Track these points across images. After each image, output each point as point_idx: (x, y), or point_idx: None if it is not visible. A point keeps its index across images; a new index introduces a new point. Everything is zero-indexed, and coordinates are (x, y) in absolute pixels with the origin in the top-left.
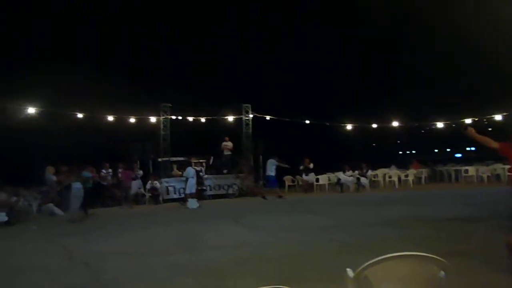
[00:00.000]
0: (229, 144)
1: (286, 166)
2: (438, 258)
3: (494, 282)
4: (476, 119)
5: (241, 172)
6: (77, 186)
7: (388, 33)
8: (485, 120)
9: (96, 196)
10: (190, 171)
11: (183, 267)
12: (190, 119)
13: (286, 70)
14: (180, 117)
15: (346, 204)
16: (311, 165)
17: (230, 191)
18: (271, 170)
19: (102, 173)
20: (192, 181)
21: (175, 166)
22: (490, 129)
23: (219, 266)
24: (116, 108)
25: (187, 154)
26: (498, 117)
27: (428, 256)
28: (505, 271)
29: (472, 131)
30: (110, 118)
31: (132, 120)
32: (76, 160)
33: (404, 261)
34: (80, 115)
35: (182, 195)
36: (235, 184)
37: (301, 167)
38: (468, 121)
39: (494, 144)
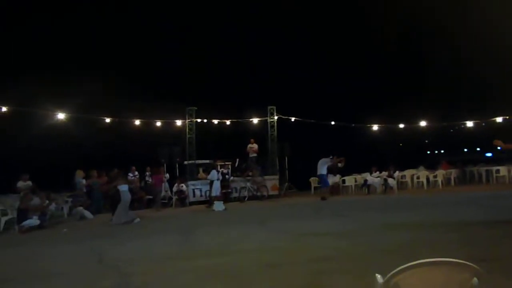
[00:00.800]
0: (255, 146)
1: (338, 164)
2: (471, 264)
3: None
4: (507, 117)
5: (251, 175)
6: (124, 189)
7: (415, 32)
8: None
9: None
10: (215, 174)
11: (211, 271)
12: (215, 121)
13: (311, 71)
14: (205, 120)
15: (373, 206)
16: (340, 165)
17: (241, 194)
18: (322, 170)
19: (129, 177)
20: (217, 184)
21: (201, 169)
22: None
23: (246, 270)
24: (143, 112)
25: (212, 157)
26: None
27: (460, 263)
28: None
29: (498, 143)
30: (137, 122)
31: (158, 123)
32: (104, 164)
33: (436, 267)
34: (107, 120)
35: (208, 198)
36: (244, 187)
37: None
38: (499, 119)
39: None
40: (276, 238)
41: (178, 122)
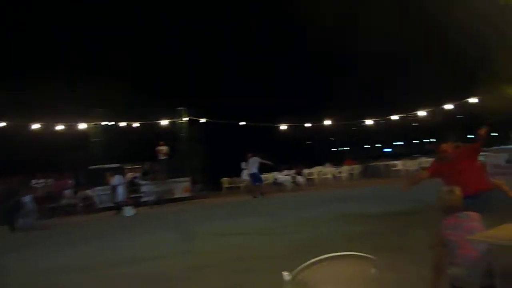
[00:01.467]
0: (164, 148)
1: (270, 163)
2: (370, 256)
3: (426, 276)
4: (404, 115)
5: (156, 178)
6: (27, 199)
7: (320, 33)
8: (410, 116)
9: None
10: (119, 179)
11: (128, 278)
12: (123, 124)
13: (222, 72)
14: (112, 123)
15: (284, 203)
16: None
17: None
18: (254, 168)
19: (33, 184)
20: (120, 189)
21: (109, 174)
22: (415, 124)
23: (168, 275)
24: (43, 115)
25: (121, 161)
26: (421, 113)
27: (361, 255)
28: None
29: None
30: (37, 125)
31: (61, 127)
32: (7, 172)
33: (339, 261)
34: (2, 124)
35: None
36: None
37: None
38: (395, 117)
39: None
40: (193, 241)
41: (83, 125)
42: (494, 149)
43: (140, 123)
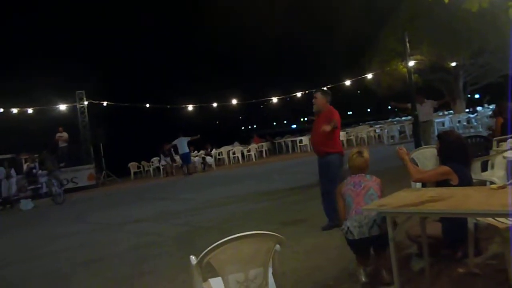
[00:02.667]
0: (64, 134)
1: (197, 137)
2: (273, 233)
3: (323, 242)
4: (306, 92)
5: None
6: None
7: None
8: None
9: None
10: (1, 171)
11: (20, 279)
12: (15, 111)
13: (120, 54)
14: (1, 110)
15: (193, 185)
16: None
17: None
18: (184, 148)
19: None
20: (5, 183)
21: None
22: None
23: (61, 271)
24: None
25: (16, 150)
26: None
27: (264, 233)
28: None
29: (393, 104)
30: None
31: None
32: None
33: (244, 241)
34: None
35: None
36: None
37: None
38: (298, 94)
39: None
40: (95, 232)
41: None
42: (388, 121)
43: (34, 109)
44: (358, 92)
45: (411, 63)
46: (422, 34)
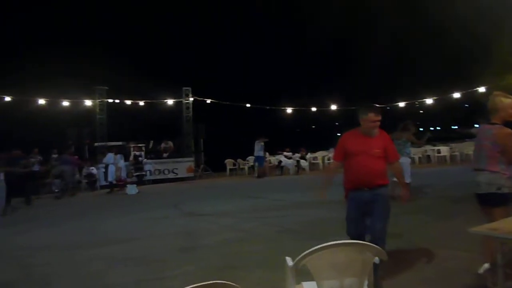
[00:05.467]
0: (170, 144)
1: (266, 139)
2: (372, 245)
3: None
4: (408, 102)
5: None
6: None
7: (332, 20)
8: (416, 103)
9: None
10: (110, 157)
11: (120, 258)
12: (128, 102)
13: (228, 53)
14: (117, 101)
15: (286, 187)
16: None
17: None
18: (259, 151)
19: (31, 160)
20: (113, 168)
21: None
22: (421, 111)
23: (159, 255)
24: (49, 91)
25: (125, 138)
26: (429, 101)
27: (363, 244)
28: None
29: None
30: (42, 101)
31: (66, 103)
32: (5, 148)
33: (340, 249)
34: (8, 98)
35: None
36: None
37: None
38: (401, 104)
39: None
40: (189, 221)
41: (88, 102)
42: None
43: (145, 102)
44: (466, 105)
45: None
46: None
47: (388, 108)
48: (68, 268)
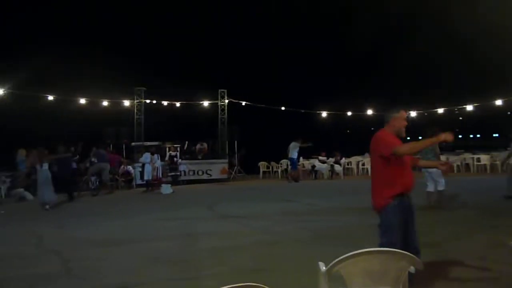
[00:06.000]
0: (204, 146)
1: (309, 144)
2: (407, 253)
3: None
4: (447, 108)
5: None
6: (44, 167)
7: (367, 25)
8: (456, 109)
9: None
10: (147, 156)
11: (154, 256)
12: (165, 103)
13: (264, 56)
14: (154, 101)
15: (319, 191)
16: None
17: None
18: (294, 153)
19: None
20: (149, 167)
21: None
22: (460, 118)
23: (192, 254)
24: (89, 91)
25: (161, 139)
26: (469, 108)
27: (398, 252)
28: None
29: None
30: (83, 101)
31: (105, 103)
32: (49, 144)
33: (375, 256)
34: (51, 97)
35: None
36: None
37: None
38: (440, 110)
39: None
40: (222, 222)
41: (126, 103)
42: None
43: (181, 103)
44: (509, 113)
45: None
46: None
47: (425, 114)
48: (105, 264)
